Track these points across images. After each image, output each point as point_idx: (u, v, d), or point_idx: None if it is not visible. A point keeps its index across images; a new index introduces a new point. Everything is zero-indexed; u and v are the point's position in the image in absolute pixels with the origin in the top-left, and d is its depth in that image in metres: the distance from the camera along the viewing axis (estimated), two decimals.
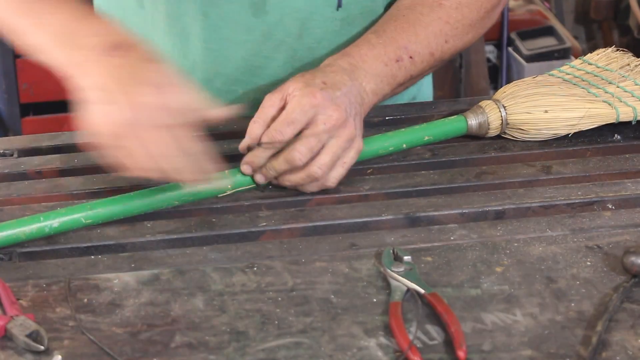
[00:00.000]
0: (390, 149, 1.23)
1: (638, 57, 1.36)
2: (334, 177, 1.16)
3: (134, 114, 1.03)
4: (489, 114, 1.26)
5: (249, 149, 1.16)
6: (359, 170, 1.19)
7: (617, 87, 1.29)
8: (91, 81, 1.06)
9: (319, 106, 1.13)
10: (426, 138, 1.25)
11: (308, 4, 1.30)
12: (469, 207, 1.13)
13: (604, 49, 1.37)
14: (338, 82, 1.17)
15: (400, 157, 1.24)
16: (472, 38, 1.33)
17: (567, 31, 3.22)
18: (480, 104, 1.27)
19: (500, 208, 1.13)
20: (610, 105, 1.26)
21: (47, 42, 1.12)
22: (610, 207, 1.14)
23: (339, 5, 1.31)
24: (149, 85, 1.05)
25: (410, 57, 1.25)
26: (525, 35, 3.12)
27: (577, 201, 1.14)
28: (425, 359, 0.91)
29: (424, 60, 1.27)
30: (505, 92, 1.27)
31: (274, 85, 1.34)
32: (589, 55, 1.37)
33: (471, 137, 1.27)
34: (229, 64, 1.34)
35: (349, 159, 1.16)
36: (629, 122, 1.27)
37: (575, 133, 1.26)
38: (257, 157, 1.15)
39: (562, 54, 3.05)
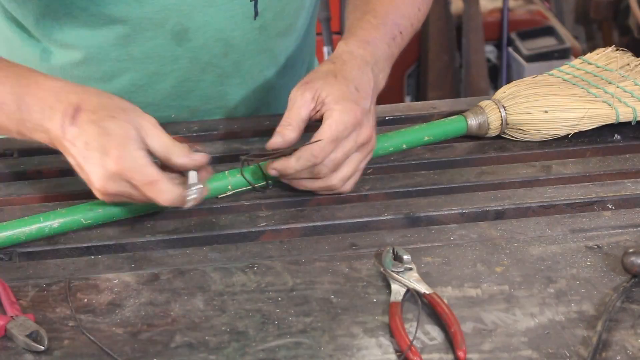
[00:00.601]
0: (390, 149, 1.23)
1: (638, 57, 1.36)
2: (350, 184, 1.15)
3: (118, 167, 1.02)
4: (489, 114, 1.26)
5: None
6: None
7: (617, 87, 1.29)
8: (75, 151, 1.04)
9: (358, 124, 1.12)
10: (426, 138, 1.25)
11: (229, 22, 1.29)
12: (469, 207, 1.13)
13: (603, 49, 1.37)
14: (365, 85, 1.15)
15: (400, 157, 1.24)
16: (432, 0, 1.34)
17: (567, 31, 3.23)
18: (480, 104, 1.27)
19: (500, 208, 1.13)
20: (610, 105, 1.26)
21: (6, 125, 1.09)
22: (610, 207, 1.14)
23: (256, 15, 1.30)
24: (126, 138, 1.03)
25: (400, 33, 1.25)
26: (525, 35, 3.12)
27: (577, 201, 1.14)
28: (426, 359, 0.91)
29: (408, 33, 1.27)
30: (505, 92, 1.27)
31: (206, 104, 1.35)
32: (588, 55, 1.37)
33: (471, 137, 1.27)
34: (158, 95, 1.34)
35: (364, 166, 1.16)
36: (629, 122, 1.27)
37: (575, 133, 1.26)
38: (290, 168, 1.12)
39: (562, 54, 3.05)
